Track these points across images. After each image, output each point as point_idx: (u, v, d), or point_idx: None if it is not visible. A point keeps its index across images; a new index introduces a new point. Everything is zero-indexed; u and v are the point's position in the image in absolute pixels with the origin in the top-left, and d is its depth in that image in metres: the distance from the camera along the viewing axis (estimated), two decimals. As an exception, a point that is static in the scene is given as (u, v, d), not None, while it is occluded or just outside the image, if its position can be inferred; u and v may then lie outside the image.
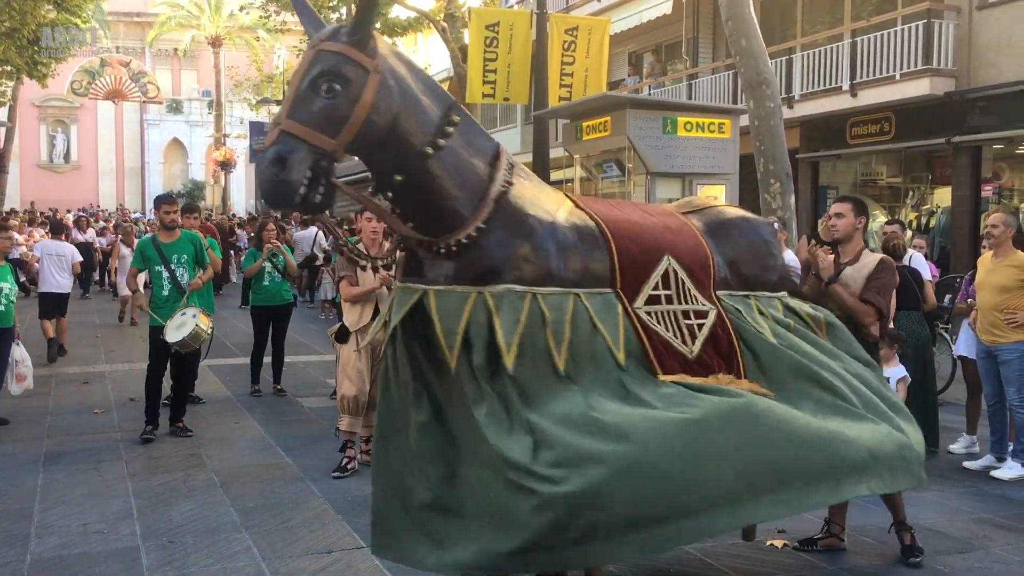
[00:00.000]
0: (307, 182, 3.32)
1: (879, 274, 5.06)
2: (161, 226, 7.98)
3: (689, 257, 4.22)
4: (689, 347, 4.06)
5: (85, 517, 5.62)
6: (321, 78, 3.38)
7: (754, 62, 11.43)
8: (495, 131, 27.69)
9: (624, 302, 3.97)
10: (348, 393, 6.44)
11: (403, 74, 3.60)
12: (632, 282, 4.01)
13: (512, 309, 3.66)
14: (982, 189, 14.41)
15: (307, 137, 3.32)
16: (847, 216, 5.21)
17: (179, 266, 7.76)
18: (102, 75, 39.18)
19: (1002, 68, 13.67)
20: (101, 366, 11.29)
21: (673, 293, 4.10)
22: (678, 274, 4.13)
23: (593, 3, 21.59)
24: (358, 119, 3.39)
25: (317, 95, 3.37)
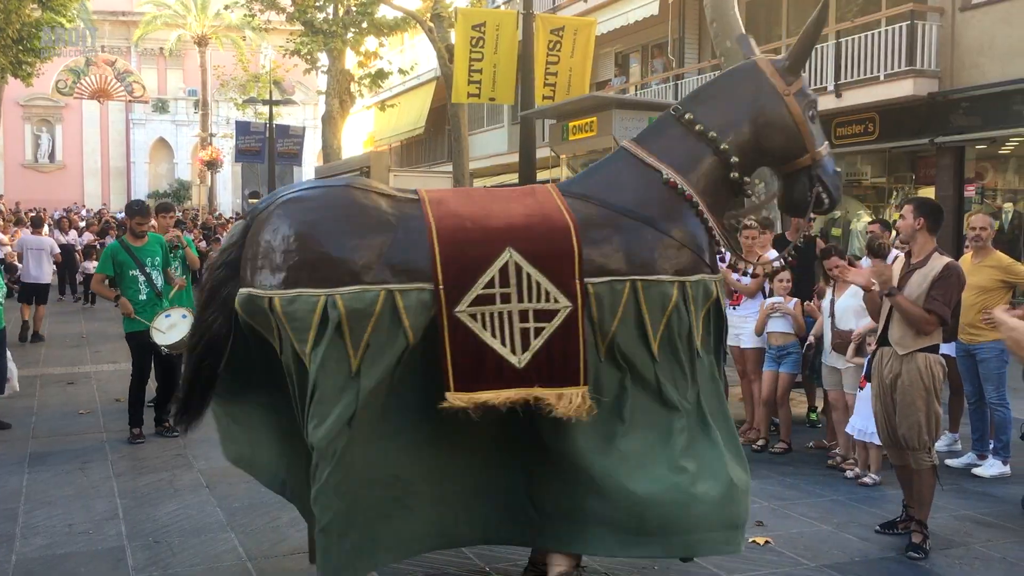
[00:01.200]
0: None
1: (943, 280, 5.06)
2: (131, 233, 7.89)
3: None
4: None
5: (70, 517, 5.62)
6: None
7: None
8: (481, 131, 27.74)
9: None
10: None
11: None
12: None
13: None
14: (965, 189, 14.53)
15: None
16: (907, 217, 5.27)
17: (153, 268, 7.74)
18: (87, 74, 38.94)
19: (985, 69, 13.78)
20: (86, 367, 11.25)
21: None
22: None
23: (579, 3, 21.63)
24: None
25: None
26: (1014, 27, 13.37)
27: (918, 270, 5.18)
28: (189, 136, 51.46)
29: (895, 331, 5.17)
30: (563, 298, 3.83)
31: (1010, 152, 14.36)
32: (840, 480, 6.63)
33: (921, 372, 5.09)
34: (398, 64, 26.58)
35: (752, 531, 5.44)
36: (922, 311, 5.03)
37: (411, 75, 27.85)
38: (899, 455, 5.29)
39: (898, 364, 5.15)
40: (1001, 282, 6.69)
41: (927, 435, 5.14)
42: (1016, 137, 13.84)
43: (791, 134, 4.42)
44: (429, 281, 3.77)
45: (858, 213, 16.64)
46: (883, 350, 5.28)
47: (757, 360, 7.76)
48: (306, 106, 49.23)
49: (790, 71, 4.44)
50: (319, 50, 25.26)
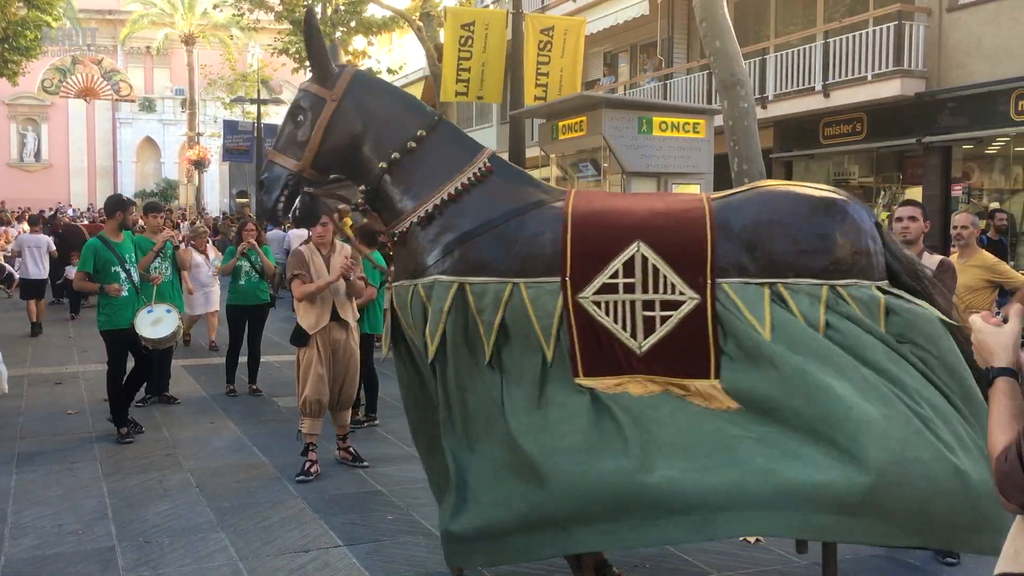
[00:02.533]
0: (284, 199, 4.22)
1: (941, 275, 5.08)
2: (119, 227, 7.79)
3: (672, 240, 3.82)
4: (638, 342, 3.83)
5: (60, 518, 5.59)
6: (292, 110, 4.27)
7: (728, 63, 11.51)
8: (471, 130, 27.69)
9: (567, 291, 3.85)
10: (310, 396, 6.37)
11: (369, 100, 4.27)
12: (584, 270, 3.86)
13: (438, 299, 3.93)
14: (952, 189, 14.61)
15: (280, 161, 4.23)
16: (919, 220, 5.34)
17: (132, 265, 7.71)
18: (73, 73, 38.78)
19: (971, 69, 13.86)
20: (74, 366, 11.19)
21: (637, 281, 3.81)
22: (648, 260, 3.81)
23: (569, 3, 21.65)
24: (315, 141, 4.18)
25: (290, 125, 4.25)
26: (1001, 27, 13.46)
27: None
28: (176, 135, 51.30)
29: None
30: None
31: (996, 152, 14.45)
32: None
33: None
34: (387, 63, 26.53)
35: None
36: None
37: (400, 74, 27.80)
38: None
39: None
40: (987, 281, 6.73)
41: None
42: (1002, 137, 13.93)
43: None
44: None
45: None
46: None
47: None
48: (294, 105, 49.05)
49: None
50: (307, 49, 25.20)
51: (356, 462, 6.73)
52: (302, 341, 6.43)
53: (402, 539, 5.26)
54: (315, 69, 4.26)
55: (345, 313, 6.58)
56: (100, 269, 7.54)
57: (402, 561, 4.93)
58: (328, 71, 4.25)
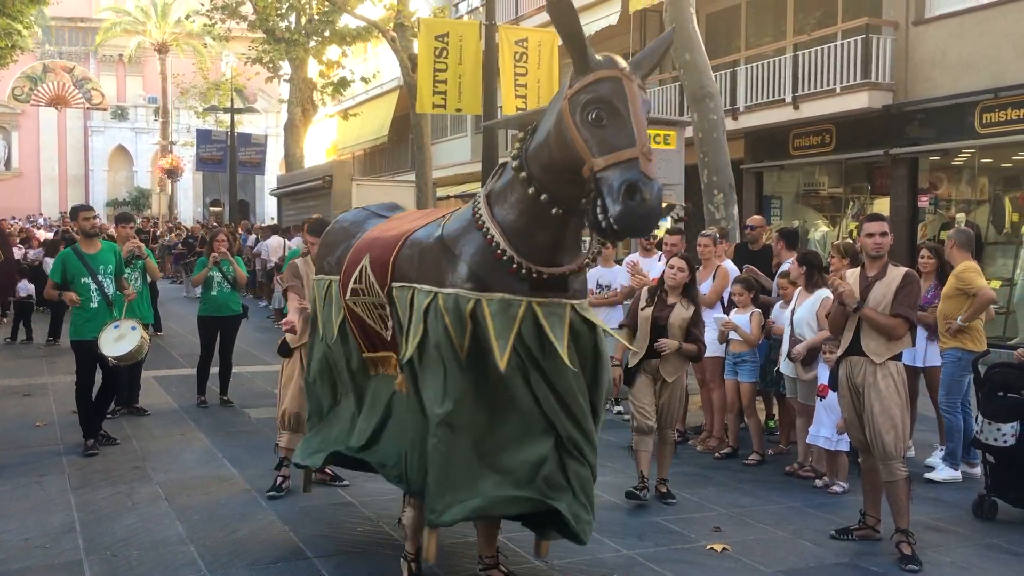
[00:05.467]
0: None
1: (907, 287, 5.30)
2: (82, 235, 7.77)
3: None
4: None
5: (27, 531, 5.55)
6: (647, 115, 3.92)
7: (698, 76, 11.65)
8: (445, 140, 27.78)
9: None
10: (290, 409, 6.26)
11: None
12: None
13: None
14: (919, 199, 14.82)
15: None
16: (889, 235, 5.44)
17: (105, 277, 7.57)
18: (45, 81, 38.44)
19: (937, 82, 14.09)
20: (43, 378, 11.10)
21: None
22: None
23: (542, 14, 21.76)
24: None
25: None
26: (966, 41, 13.70)
27: (879, 281, 5.36)
28: (149, 144, 50.98)
29: (869, 341, 5.32)
30: (381, 296, 4.64)
31: (963, 163, 14.69)
32: (796, 487, 6.74)
33: (896, 381, 5.29)
34: (361, 72, 26.52)
35: (710, 537, 5.54)
36: (891, 319, 5.23)
37: (374, 84, 27.79)
38: (872, 461, 5.40)
39: (872, 373, 5.29)
40: (958, 289, 6.87)
41: (903, 443, 5.33)
42: (968, 149, 14.15)
43: (563, 141, 3.88)
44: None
45: (816, 223, 16.91)
46: (852, 359, 5.41)
47: (716, 368, 7.86)
48: (268, 114, 48.95)
49: (577, 69, 3.93)
50: (281, 58, 25.14)
51: (335, 482, 6.61)
52: (287, 352, 6.38)
53: (372, 551, 5.27)
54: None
55: None
56: (70, 280, 7.49)
57: (373, 573, 4.94)
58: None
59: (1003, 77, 13.03)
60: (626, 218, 3.58)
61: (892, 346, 5.30)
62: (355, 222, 5.31)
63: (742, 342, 7.49)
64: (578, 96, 3.82)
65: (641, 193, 3.57)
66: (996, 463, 6.07)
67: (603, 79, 3.79)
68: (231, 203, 32.95)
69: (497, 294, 4.08)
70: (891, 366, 5.30)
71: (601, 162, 3.68)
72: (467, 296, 4.12)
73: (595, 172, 3.69)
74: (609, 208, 3.62)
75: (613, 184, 3.61)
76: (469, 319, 4.10)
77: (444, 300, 4.16)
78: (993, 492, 6.09)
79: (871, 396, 5.28)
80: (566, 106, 3.84)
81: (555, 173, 3.95)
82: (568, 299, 4.20)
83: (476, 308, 4.10)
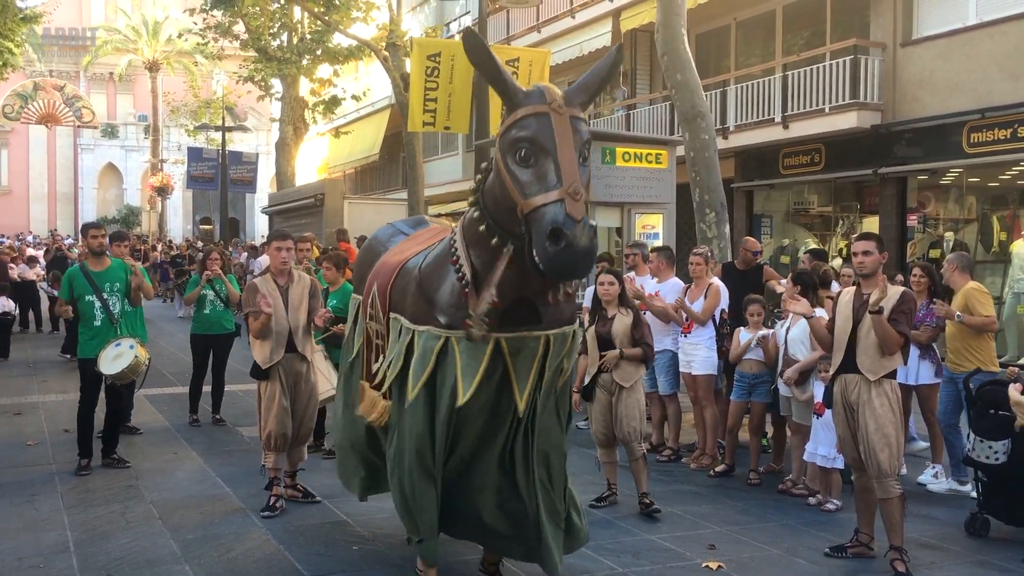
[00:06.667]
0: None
1: (904, 305, 5.36)
2: (90, 253, 7.74)
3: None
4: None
5: (20, 551, 5.52)
6: (585, 147, 3.77)
7: (689, 96, 11.74)
8: (436, 158, 27.86)
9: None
10: (275, 430, 6.23)
11: None
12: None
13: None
14: (908, 218, 14.94)
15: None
16: (873, 253, 5.47)
17: (111, 295, 7.53)
18: (35, 99, 38.41)
19: (925, 103, 14.23)
20: (34, 397, 11.06)
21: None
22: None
23: (533, 34, 21.94)
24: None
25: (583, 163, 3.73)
26: (952, 63, 13.85)
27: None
28: (139, 162, 50.92)
29: (864, 358, 5.37)
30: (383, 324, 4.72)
31: (950, 182, 14.82)
32: (790, 504, 6.76)
33: (890, 399, 5.33)
34: (352, 91, 26.60)
35: (705, 555, 5.55)
36: (895, 331, 5.29)
37: (365, 102, 27.87)
38: (866, 479, 5.43)
39: (867, 391, 5.34)
40: (967, 311, 6.89)
41: (897, 461, 5.36)
42: (956, 168, 14.28)
43: (500, 180, 3.79)
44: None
45: (806, 241, 17.01)
46: (846, 377, 5.45)
47: (708, 386, 7.90)
48: (259, 132, 49.03)
49: (507, 108, 3.84)
50: (273, 77, 25.22)
51: (306, 499, 6.61)
52: (262, 375, 6.33)
53: (367, 570, 5.27)
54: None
55: (303, 348, 6.43)
56: (77, 298, 7.50)
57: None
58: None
59: (990, 98, 13.17)
60: (553, 263, 3.47)
61: (886, 363, 5.34)
62: (382, 240, 5.36)
63: (760, 363, 7.41)
64: (507, 134, 3.71)
65: (566, 237, 3.41)
66: (988, 481, 6.10)
67: (529, 115, 3.66)
68: (222, 221, 32.92)
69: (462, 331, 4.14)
70: (885, 384, 5.35)
71: (529, 203, 3.56)
72: (436, 334, 4.20)
73: (525, 213, 3.59)
74: (538, 252, 3.51)
75: (540, 227, 3.49)
76: (434, 357, 4.19)
77: (417, 337, 4.30)
78: (985, 510, 6.12)
79: (865, 414, 5.31)
80: (497, 145, 3.74)
81: (503, 211, 3.85)
82: (542, 331, 4.16)
83: (446, 345, 4.17)
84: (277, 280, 6.45)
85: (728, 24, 18.54)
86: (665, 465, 7.87)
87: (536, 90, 3.75)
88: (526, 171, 3.61)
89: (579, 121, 3.73)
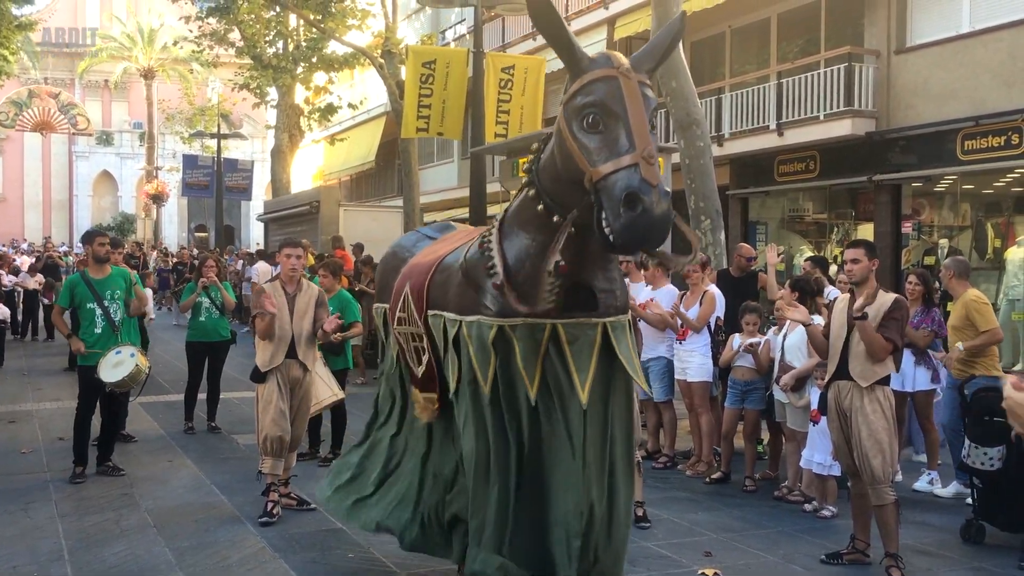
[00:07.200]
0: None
1: (895, 312, 5.38)
2: (94, 260, 7.72)
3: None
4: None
5: (15, 559, 5.50)
6: (653, 115, 3.61)
7: (684, 103, 11.77)
8: (432, 166, 27.88)
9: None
10: (272, 433, 6.21)
11: None
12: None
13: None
14: (902, 225, 14.97)
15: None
16: (862, 260, 5.48)
17: (112, 302, 7.53)
18: (30, 106, 38.43)
19: (919, 110, 14.28)
20: (28, 404, 11.02)
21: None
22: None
23: (529, 41, 21.96)
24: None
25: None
26: (946, 70, 13.90)
27: (868, 307, 5.41)
28: (134, 169, 50.89)
29: (856, 365, 5.38)
30: (420, 326, 4.47)
31: (944, 189, 14.86)
32: (786, 511, 6.76)
33: (883, 406, 5.34)
34: (348, 98, 26.62)
35: (702, 562, 5.55)
36: (878, 336, 5.30)
37: (361, 109, 27.90)
38: (861, 486, 5.44)
39: (859, 397, 5.35)
40: (967, 320, 6.91)
41: (891, 468, 5.37)
42: (950, 175, 14.33)
43: (564, 151, 3.57)
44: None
45: (801, 248, 17.04)
46: (840, 384, 5.47)
47: (704, 393, 7.90)
48: (255, 139, 49.01)
49: (570, 73, 3.64)
50: (268, 84, 25.23)
51: (301, 506, 6.60)
52: (260, 377, 6.35)
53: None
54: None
55: (304, 356, 6.44)
56: (77, 305, 7.51)
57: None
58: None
59: (983, 105, 13.22)
60: (628, 231, 3.26)
61: (877, 369, 5.35)
62: (406, 246, 5.14)
63: (753, 370, 7.43)
64: (572, 101, 3.52)
65: (642, 202, 3.23)
66: (983, 487, 6.11)
67: (597, 80, 3.49)
68: (217, 228, 32.91)
69: (519, 319, 3.81)
70: (878, 391, 5.36)
71: (600, 170, 3.35)
72: (489, 323, 3.89)
73: (595, 182, 3.37)
74: (610, 220, 3.30)
75: (613, 194, 3.29)
76: (492, 347, 3.86)
77: (467, 328, 3.98)
78: (981, 516, 6.13)
79: (858, 420, 5.32)
80: (561, 113, 3.56)
81: (564, 186, 3.66)
82: (599, 317, 3.89)
83: (500, 335, 3.85)
84: (286, 287, 6.47)
85: (723, 32, 18.60)
86: (661, 472, 7.86)
87: (602, 56, 3.61)
88: (594, 137, 3.42)
89: (646, 87, 3.58)
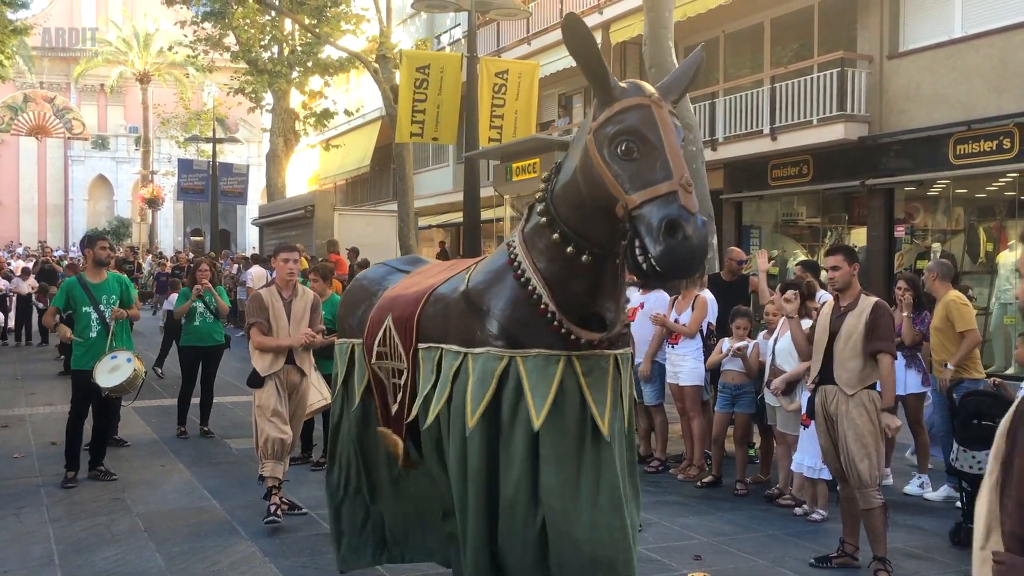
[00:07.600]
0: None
1: (878, 320, 5.38)
2: (94, 263, 7.71)
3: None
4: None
5: (5, 564, 5.50)
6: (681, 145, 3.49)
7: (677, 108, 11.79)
8: (427, 170, 27.91)
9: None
10: (273, 436, 6.22)
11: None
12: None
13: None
14: (895, 229, 15.02)
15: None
16: (842, 267, 5.49)
17: (108, 307, 7.54)
18: (25, 111, 38.46)
19: (912, 115, 14.33)
20: (21, 409, 11.01)
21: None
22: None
23: (523, 46, 22.03)
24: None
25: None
26: (938, 75, 13.96)
27: (851, 312, 5.46)
28: (130, 173, 50.89)
29: (841, 372, 5.41)
30: (404, 362, 4.17)
31: (937, 194, 14.90)
32: (776, 515, 6.78)
33: (868, 410, 5.36)
34: (343, 103, 26.66)
35: (692, 566, 5.57)
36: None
37: (356, 115, 27.94)
38: (849, 490, 5.46)
39: (845, 402, 5.38)
40: (948, 321, 6.95)
41: (877, 471, 5.40)
42: (943, 180, 14.37)
43: (592, 179, 3.45)
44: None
45: (794, 252, 17.08)
46: (826, 388, 5.49)
47: (695, 397, 7.92)
48: (250, 144, 49.02)
49: (600, 100, 3.52)
50: (264, 89, 25.26)
51: (292, 510, 6.61)
52: (259, 382, 6.35)
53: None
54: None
55: (302, 362, 6.49)
56: (73, 308, 7.53)
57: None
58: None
59: (975, 110, 13.27)
60: (668, 258, 3.17)
61: (864, 377, 5.37)
62: (375, 279, 4.86)
63: (743, 374, 7.46)
64: (604, 129, 3.41)
65: (684, 230, 3.14)
66: (972, 490, 6.13)
67: (630, 108, 3.40)
68: (213, 233, 32.91)
69: (533, 350, 3.65)
70: (864, 395, 5.38)
71: (636, 199, 3.25)
72: (498, 355, 3.70)
73: (630, 210, 3.26)
74: (649, 248, 3.19)
75: (652, 222, 3.19)
76: (495, 380, 3.69)
77: (472, 361, 3.77)
78: (969, 519, 6.15)
79: (844, 425, 5.35)
80: (591, 141, 3.44)
81: (586, 213, 3.53)
82: (611, 349, 3.78)
83: (509, 367, 3.68)
84: (282, 292, 6.49)
85: (716, 36, 18.65)
86: (652, 476, 7.88)
87: (632, 85, 3.55)
88: (628, 165, 3.33)
89: (675, 117, 3.53)
